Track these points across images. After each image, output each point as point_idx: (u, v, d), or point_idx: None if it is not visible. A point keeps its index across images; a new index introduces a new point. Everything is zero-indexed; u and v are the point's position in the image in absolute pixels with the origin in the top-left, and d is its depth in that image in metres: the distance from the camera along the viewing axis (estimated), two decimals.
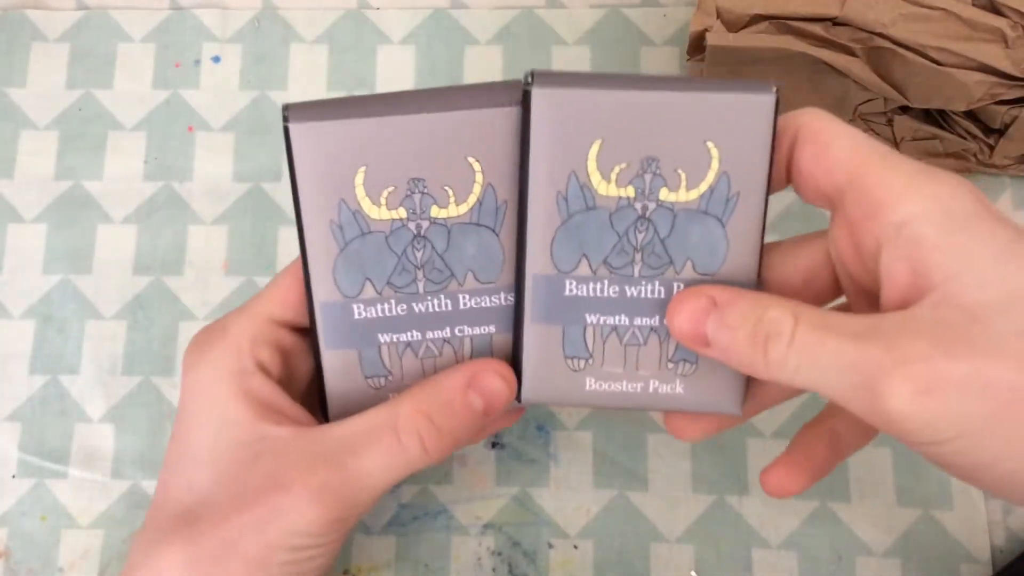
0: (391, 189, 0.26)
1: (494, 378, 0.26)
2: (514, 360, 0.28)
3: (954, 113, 0.36)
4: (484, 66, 0.41)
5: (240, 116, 0.41)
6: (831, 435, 0.28)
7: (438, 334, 0.27)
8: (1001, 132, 0.35)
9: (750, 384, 0.27)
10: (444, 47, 0.41)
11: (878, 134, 0.37)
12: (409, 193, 0.26)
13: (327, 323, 0.27)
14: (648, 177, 0.26)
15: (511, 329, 0.28)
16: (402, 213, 0.26)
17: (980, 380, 0.20)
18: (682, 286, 0.26)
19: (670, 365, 0.27)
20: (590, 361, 0.27)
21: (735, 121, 0.25)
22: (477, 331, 0.28)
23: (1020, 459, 0.20)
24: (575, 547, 0.35)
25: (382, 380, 0.28)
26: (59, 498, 0.36)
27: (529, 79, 0.25)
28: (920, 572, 0.35)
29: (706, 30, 0.34)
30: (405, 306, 0.27)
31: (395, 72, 0.41)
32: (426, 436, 0.25)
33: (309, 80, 0.41)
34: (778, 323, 0.22)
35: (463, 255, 0.27)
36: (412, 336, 0.27)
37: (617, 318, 0.27)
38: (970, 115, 0.36)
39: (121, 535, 0.36)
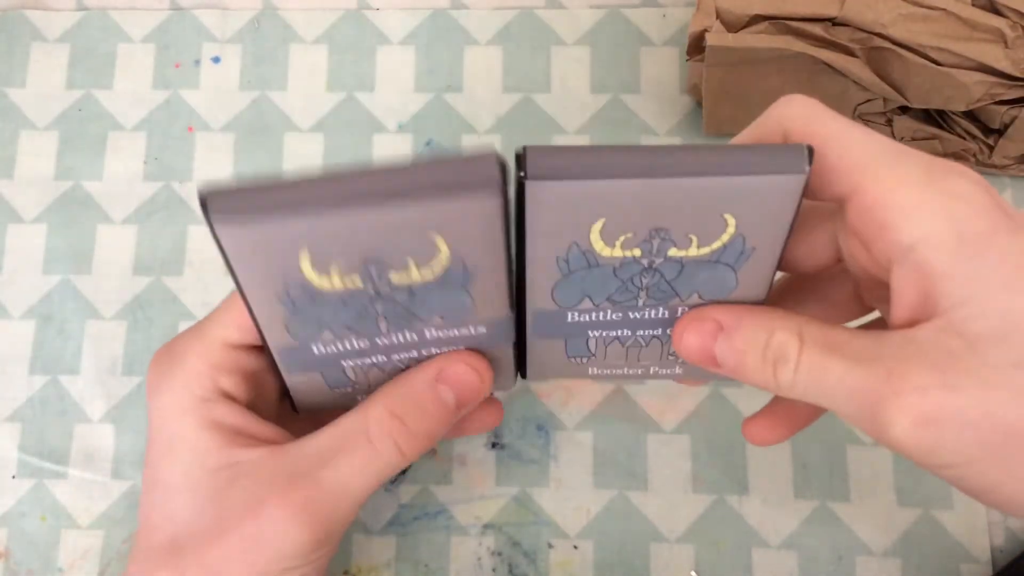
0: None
1: (464, 368, 0.26)
2: (518, 360, 0.28)
3: (953, 113, 0.36)
4: (484, 66, 0.41)
5: (240, 116, 0.41)
6: None
7: (404, 356, 0.27)
8: (1001, 132, 0.35)
9: (783, 405, 0.28)
10: (444, 47, 0.41)
11: None
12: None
13: (284, 362, 0.26)
14: (656, 242, 0.23)
15: (479, 347, 0.27)
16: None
17: (976, 412, 0.20)
18: (687, 309, 0.25)
19: (670, 357, 0.28)
20: (593, 359, 0.28)
21: (757, 199, 0.22)
22: (445, 349, 0.27)
23: (1018, 486, 0.20)
24: (575, 547, 0.35)
25: (348, 388, 0.28)
26: (59, 498, 0.36)
27: (522, 171, 0.21)
28: (920, 572, 0.35)
29: (705, 30, 0.34)
30: (367, 341, 0.26)
31: (395, 72, 0.41)
32: (400, 439, 0.25)
33: (309, 80, 0.41)
34: (784, 347, 0.22)
35: (434, 304, 0.24)
36: (377, 359, 0.26)
37: (620, 331, 0.26)
38: (969, 115, 0.36)
39: (121, 535, 0.36)
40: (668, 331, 0.26)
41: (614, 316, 0.26)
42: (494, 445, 0.37)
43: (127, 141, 0.41)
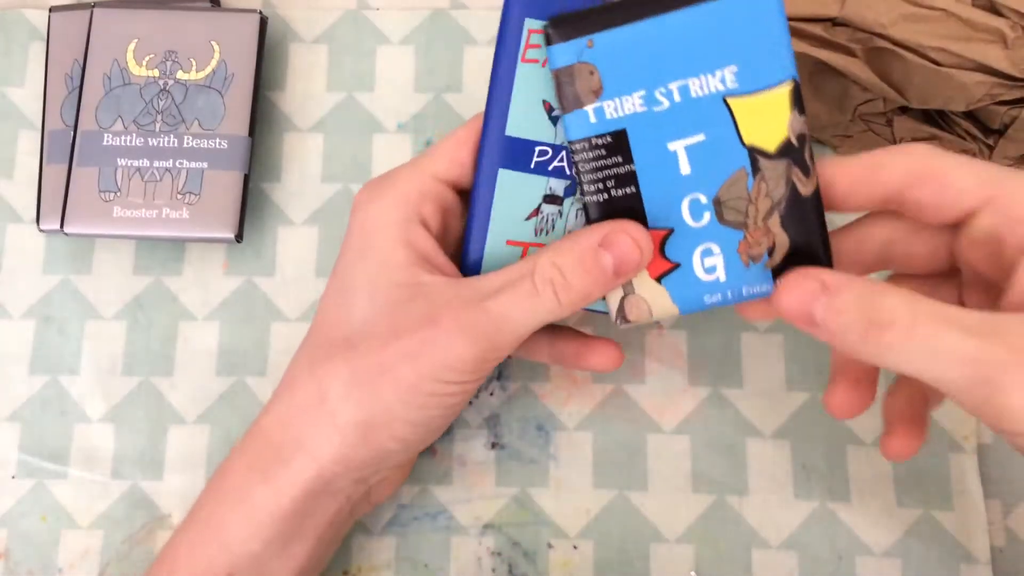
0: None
1: (626, 240, 0.27)
2: (65, 196, 0.37)
3: (954, 113, 0.36)
4: (484, 66, 0.41)
5: None
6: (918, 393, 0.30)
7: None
8: (1001, 132, 0.35)
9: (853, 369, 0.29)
10: (443, 47, 0.41)
11: (878, 134, 0.37)
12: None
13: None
14: (169, 64, 0.37)
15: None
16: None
17: None
18: (191, 139, 0.36)
19: (179, 196, 0.36)
20: (118, 194, 0.36)
21: (235, 32, 0.38)
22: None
23: None
24: (575, 547, 0.35)
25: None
26: (59, 498, 0.36)
27: (93, 4, 0.38)
28: (920, 572, 0.35)
29: None
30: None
31: (394, 72, 0.41)
32: (559, 288, 0.27)
33: (309, 80, 0.41)
34: (893, 311, 0.23)
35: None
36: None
37: (141, 162, 0.36)
38: (970, 115, 0.36)
39: (121, 535, 0.36)
40: (178, 163, 0.36)
41: (138, 141, 0.36)
42: (494, 445, 0.37)
43: None
